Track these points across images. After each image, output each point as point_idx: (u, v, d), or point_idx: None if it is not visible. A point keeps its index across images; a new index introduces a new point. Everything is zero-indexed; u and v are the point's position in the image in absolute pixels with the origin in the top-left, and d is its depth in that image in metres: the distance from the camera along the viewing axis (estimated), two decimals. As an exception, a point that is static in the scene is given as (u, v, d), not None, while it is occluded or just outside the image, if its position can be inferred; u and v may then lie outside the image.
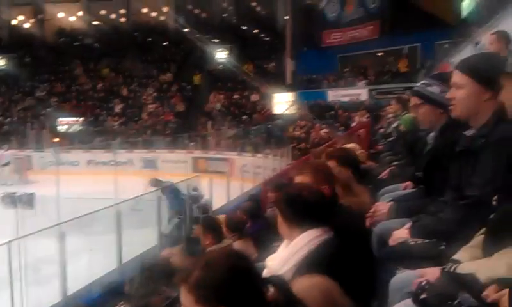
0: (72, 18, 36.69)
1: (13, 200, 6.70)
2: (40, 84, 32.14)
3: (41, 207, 6.74)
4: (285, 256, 2.44)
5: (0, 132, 28.86)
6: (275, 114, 25.63)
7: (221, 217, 6.04)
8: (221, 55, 30.16)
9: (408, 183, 3.77)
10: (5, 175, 21.95)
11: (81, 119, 29.26)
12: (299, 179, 3.09)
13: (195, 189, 10.82)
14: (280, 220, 2.56)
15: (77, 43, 35.36)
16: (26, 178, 22.36)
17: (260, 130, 23.73)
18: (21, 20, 36.77)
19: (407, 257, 2.33)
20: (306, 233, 2.45)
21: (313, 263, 2.30)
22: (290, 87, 26.80)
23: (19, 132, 28.63)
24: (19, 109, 30.72)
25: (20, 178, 22.25)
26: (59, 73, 32.94)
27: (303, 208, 2.49)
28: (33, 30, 36.36)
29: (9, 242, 4.84)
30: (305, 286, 2.02)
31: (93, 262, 7.95)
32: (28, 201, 6.29)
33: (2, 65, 33.45)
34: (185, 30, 30.91)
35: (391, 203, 3.09)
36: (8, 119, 30.03)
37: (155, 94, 30.31)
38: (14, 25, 36.83)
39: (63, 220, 6.31)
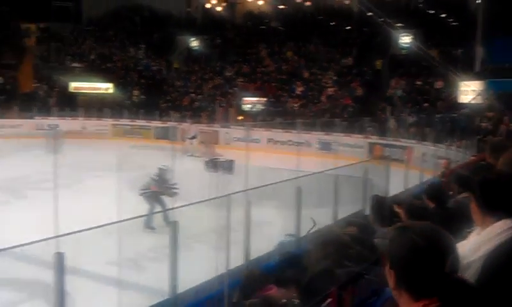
0: (260, 2, 38.41)
1: (215, 165, 7.38)
2: (228, 64, 34.15)
3: (238, 174, 7.34)
4: (477, 243, 2.38)
5: (192, 108, 31.41)
6: (460, 103, 24.19)
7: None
8: (405, 39, 29.24)
9: None
10: (192, 147, 23.89)
11: (264, 99, 30.61)
12: (497, 166, 2.97)
13: None
14: (473, 206, 2.49)
15: (263, 27, 36.90)
16: (213, 151, 24.09)
17: (443, 119, 22.62)
18: (214, 4, 39.42)
19: None
20: (500, 222, 2.37)
21: (505, 255, 2.21)
22: (478, 76, 25.04)
23: (208, 109, 30.90)
24: (209, 87, 33.04)
25: (208, 151, 24.06)
26: (246, 55, 34.66)
27: (498, 195, 2.40)
28: (224, 13, 38.77)
29: (228, 195, 5.33)
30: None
31: (273, 232, 8.41)
32: (228, 167, 6.89)
33: (196, 46, 36.21)
34: (369, 14, 30.49)
35: None
36: (200, 96, 32.48)
37: (335, 77, 30.48)
38: (207, 8, 39.64)
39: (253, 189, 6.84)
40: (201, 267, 6.71)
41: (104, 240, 6.64)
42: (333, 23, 34.51)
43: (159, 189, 11.32)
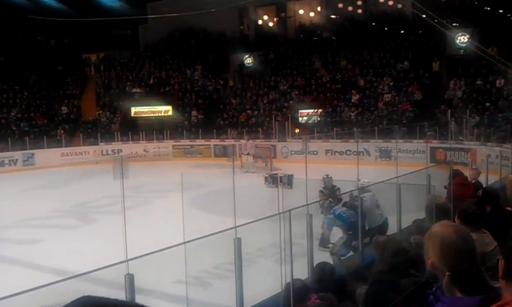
0: (312, 14, 38.53)
1: (275, 180, 7.44)
2: (282, 78, 34.32)
3: (297, 188, 7.42)
4: None
5: (248, 124, 31.72)
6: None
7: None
8: (461, 39, 28.51)
9: None
10: (248, 163, 24.11)
11: (320, 110, 30.54)
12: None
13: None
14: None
15: (315, 38, 36.93)
16: (271, 165, 24.24)
17: (507, 118, 21.87)
18: (265, 20, 39.86)
19: None
20: None
21: None
22: (543, 70, 24.09)
23: (265, 124, 31.12)
24: (265, 103, 33.29)
25: (266, 165, 24.22)
26: (300, 68, 34.75)
27: None
28: (276, 28, 39.12)
29: (290, 210, 5.39)
30: None
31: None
32: (288, 181, 6.94)
33: (250, 63, 36.61)
34: (423, 16, 29.97)
35: None
36: (256, 112, 32.78)
37: (391, 83, 30.07)
38: (259, 25, 40.13)
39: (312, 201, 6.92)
40: (267, 282, 6.78)
41: (170, 260, 6.83)
42: (386, 28, 34.11)
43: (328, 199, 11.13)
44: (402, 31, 33.29)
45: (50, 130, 32.00)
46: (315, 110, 30.69)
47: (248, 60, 36.51)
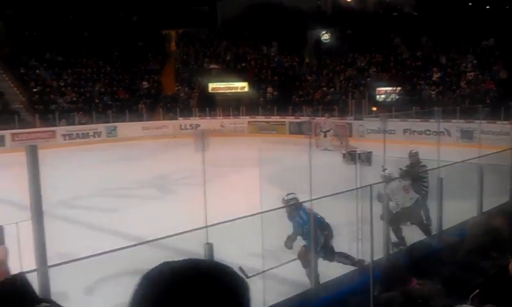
0: (392, -11, 37.42)
1: (353, 157, 7.43)
2: (360, 55, 33.66)
3: (375, 165, 7.36)
4: None
5: (324, 102, 31.46)
6: None
7: None
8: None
9: None
10: (327, 141, 23.92)
11: (399, 88, 29.77)
12: None
13: None
14: None
15: (395, 13, 35.87)
16: (347, 144, 23.95)
17: None
18: (343, -6, 39.11)
19: None
20: None
21: None
22: None
23: (341, 102, 30.75)
24: (341, 80, 32.83)
25: (342, 144, 23.97)
26: (378, 44, 33.92)
27: None
28: (354, 3, 38.28)
29: (371, 185, 5.38)
30: None
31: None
32: (367, 158, 6.89)
33: (327, 39, 36.15)
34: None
35: None
36: (332, 90, 32.42)
37: (475, 61, 28.76)
38: (336, 0, 39.41)
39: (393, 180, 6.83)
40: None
41: (245, 232, 6.98)
42: (471, 3, 32.57)
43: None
44: (487, 6, 31.66)
45: (131, 104, 33.18)
46: (394, 88, 29.95)
47: (325, 36, 36.07)
